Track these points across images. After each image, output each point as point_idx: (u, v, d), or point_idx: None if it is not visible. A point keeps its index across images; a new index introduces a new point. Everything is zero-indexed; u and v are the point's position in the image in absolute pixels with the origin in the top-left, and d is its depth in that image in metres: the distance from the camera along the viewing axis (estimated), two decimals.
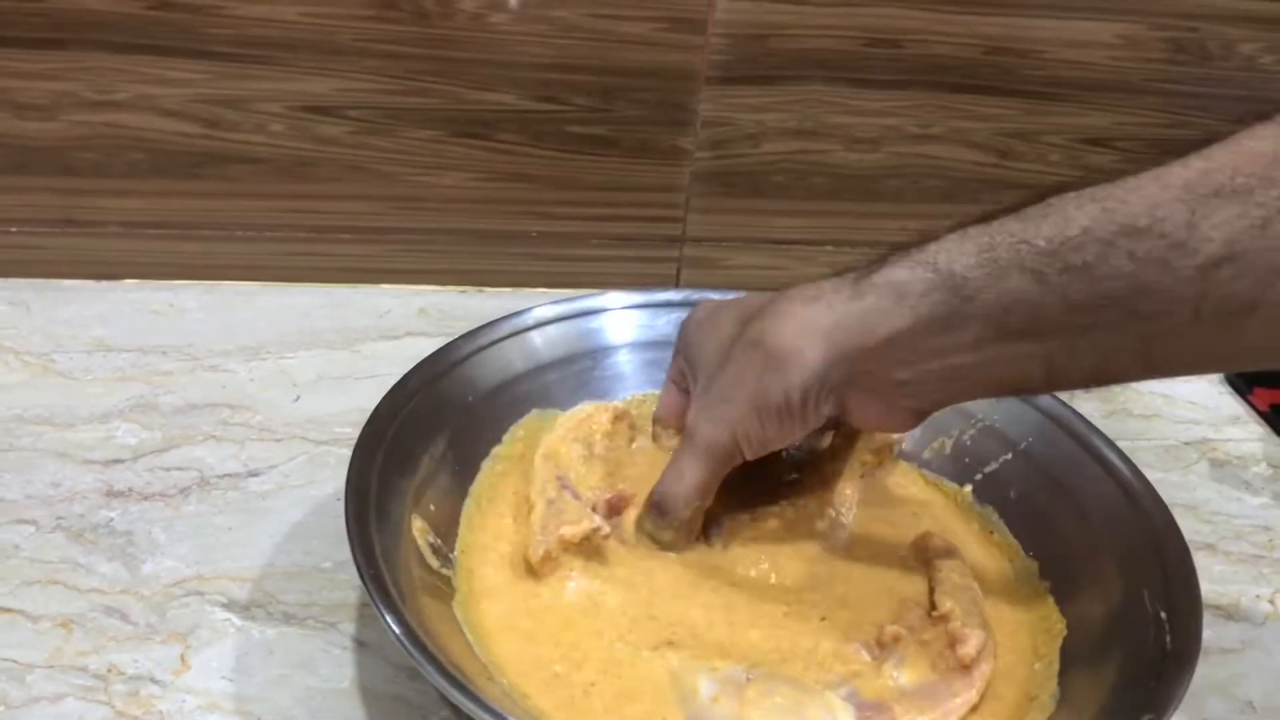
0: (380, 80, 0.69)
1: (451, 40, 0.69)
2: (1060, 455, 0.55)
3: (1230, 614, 0.57)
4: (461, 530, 0.52)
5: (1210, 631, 0.55)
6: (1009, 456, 0.57)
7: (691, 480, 0.50)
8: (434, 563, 0.49)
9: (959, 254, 0.43)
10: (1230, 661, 0.54)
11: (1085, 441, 0.55)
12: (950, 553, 0.53)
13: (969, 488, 0.57)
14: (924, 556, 0.53)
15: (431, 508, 0.51)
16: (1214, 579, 0.59)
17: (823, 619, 0.50)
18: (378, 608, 0.42)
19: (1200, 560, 0.58)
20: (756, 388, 0.47)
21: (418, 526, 0.50)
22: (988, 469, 0.57)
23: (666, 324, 0.61)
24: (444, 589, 0.49)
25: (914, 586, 0.52)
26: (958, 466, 0.58)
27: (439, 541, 0.50)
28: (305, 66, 0.69)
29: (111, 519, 0.55)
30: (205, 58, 0.67)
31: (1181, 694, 0.42)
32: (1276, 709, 0.52)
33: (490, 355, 0.58)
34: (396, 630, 0.42)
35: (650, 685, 0.46)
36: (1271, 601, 0.58)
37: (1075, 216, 0.41)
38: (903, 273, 0.44)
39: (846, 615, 0.50)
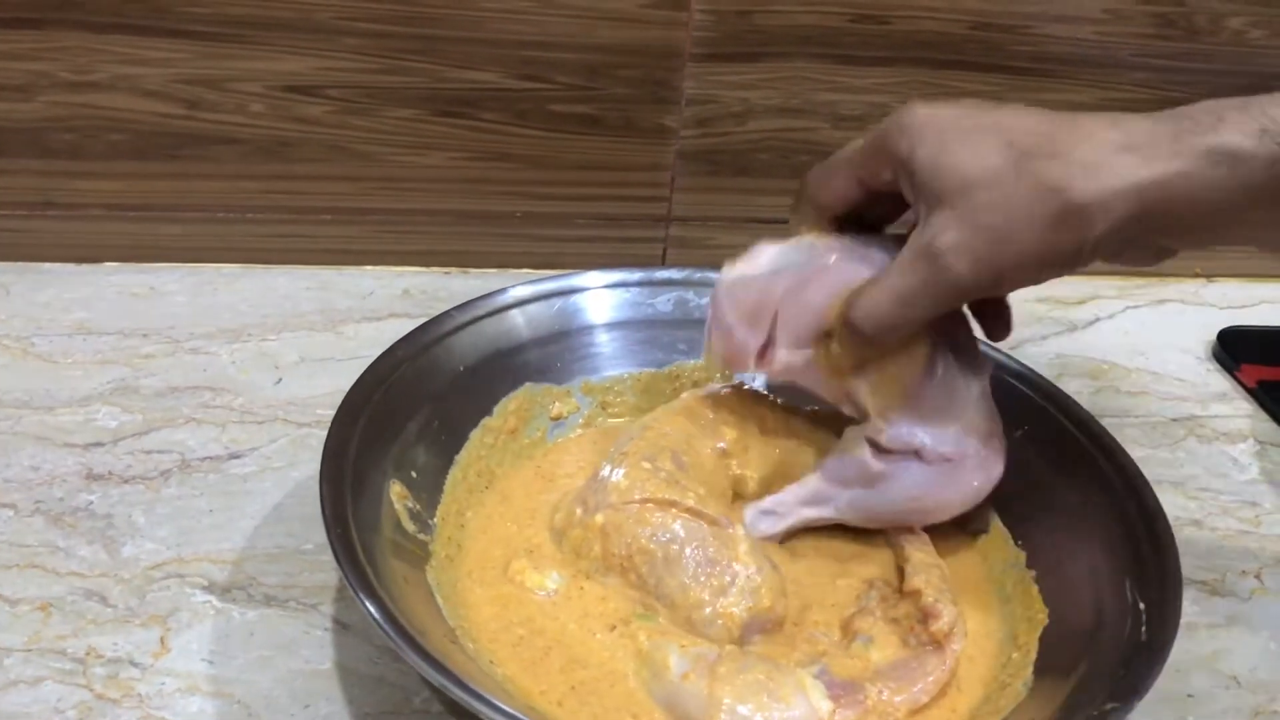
0: (361, 59, 0.69)
1: (433, 18, 0.68)
2: (1054, 443, 0.55)
3: (1216, 589, 0.57)
4: (444, 498, 0.53)
5: (1196, 607, 0.55)
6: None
7: (916, 310, 0.46)
8: (410, 527, 0.49)
9: None
10: (1216, 637, 0.54)
11: (1084, 428, 0.55)
12: (915, 532, 0.52)
13: None
14: (890, 536, 0.53)
15: (414, 474, 0.51)
16: (1200, 555, 0.59)
17: (797, 600, 0.50)
18: (340, 565, 0.43)
19: (1187, 536, 0.59)
20: (1050, 240, 0.43)
21: (396, 491, 0.50)
22: None
23: (666, 301, 0.61)
24: (418, 553, 0.49)
25: (881, 568, 0.52)
26: None
27: (418, 507, 0.50)
28: (285, 45, 0.68)
29: (91, 502, 0.55)
30: (184, 37, 0.67)
31: (1148, 685, 0.42)
32: (1261, 684, 0.52)
33: (484, 326, 0.58)
34: (370, 607, 0.42)
35: (615, 661, 0.46)
36: (1258, 577, 0.58)
37: None
38: (1239, 138, 0.40)
39: (813, 594, 0.51)
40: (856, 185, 0.49)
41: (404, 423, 0.53)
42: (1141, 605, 0.46)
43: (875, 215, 0.51)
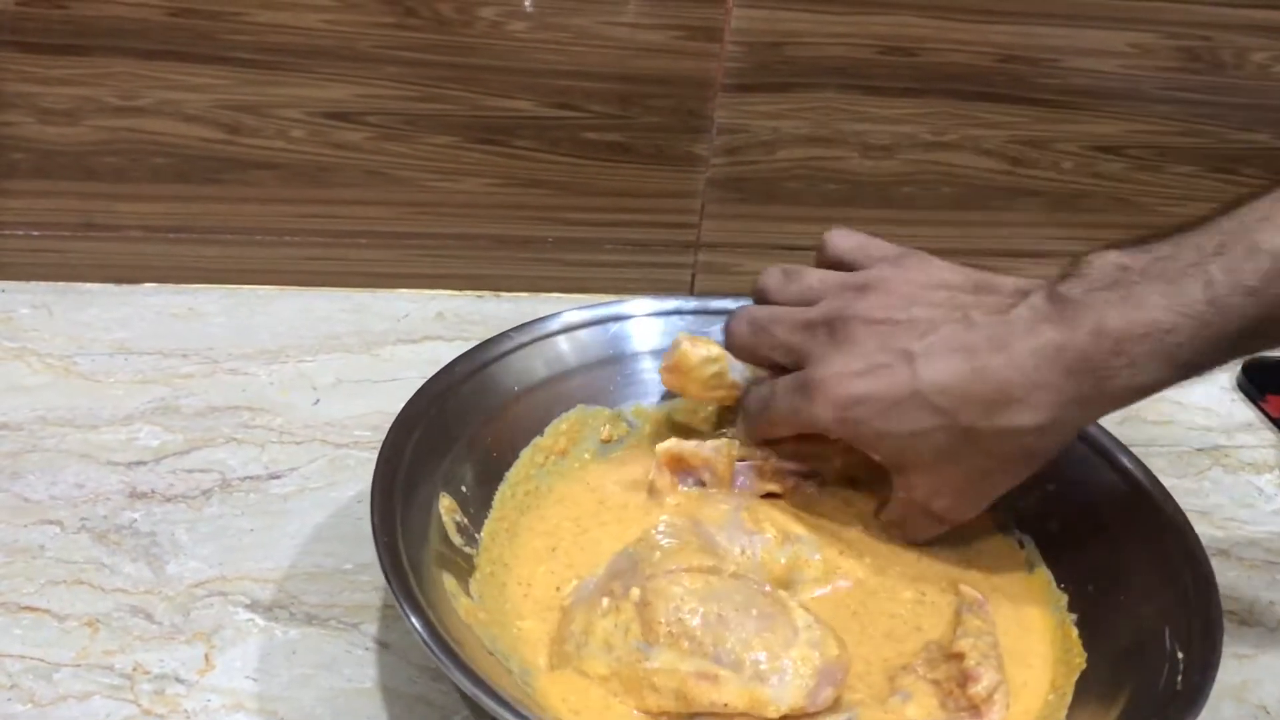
0: (399, 87, 0.70)
1: (470, 47, 0.70)
2: (1102, 487, 0.55)
3: (1244, 620, 0.57)
4: (492, 514, 0.54)
5: (1225, 637, 0.55)
6: (1051, 487, 0.55)
7: (933, 534, 0.54)
8: (457, 540, 0.50)
9: (1216, 348, 0.45)
10: (1244, 667, 0.55)
11: (1126, 474, 0.55)
12: (979, 603, 0.52)
13: (1010, 516, 0.57)
14: (955, 605, 0.53)
15: (463, 489, 0.53)
16: (1228, 585, 0.59)
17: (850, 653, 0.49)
18: (386, 576, 0.44)
19: (1214, 567, 0.59)
20: (1027, 471, 0.51)
21: (445, 505, 0.51)
22: (1029, 498, 0.55)
23: (720, 331, 0.61)
24: (464, 566, 0.50)
25: (941, 632, 0.51)
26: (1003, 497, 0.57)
27: (466, 521, 0.51)
28: (325, 73, 0.69)
29: (135, 520, 0.56)
30: (227, 64, 0.68)
31: None
32: None
33: (541, 349, 0.59)
34: (410, 614, 0.43)
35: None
36: None
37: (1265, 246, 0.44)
38: (1154, 375, 0.46)
39: (867, 652, 0.50)
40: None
41: (457, 438, 0.54)
42: (1180, 654, 0.46)
43: None
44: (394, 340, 0.71)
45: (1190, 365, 0.45)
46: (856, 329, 0.50)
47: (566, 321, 0.60)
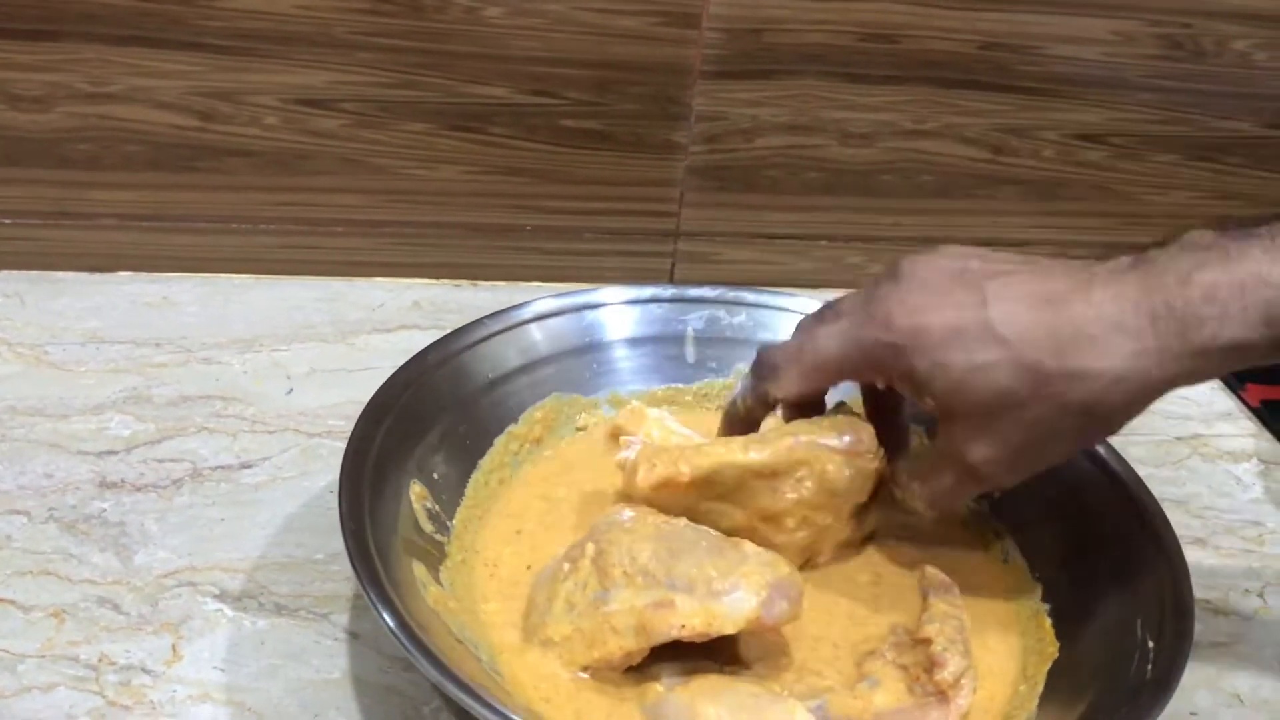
0: (374, 73, 0.69)
1: (445, 34, 0.69)
2: (1077, 476, 0.55)
3: (1219, 609, 0.57)
4: (465, 501, 0.53)
5: (1200, 625, 0.55)
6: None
7: (950, 503, 0.50)
8: (428, 528, 0.50)
9: None
10: (1219, 655, 0.54)
11: (1102, 463, 0.55)
12: (945, 585, 0.52)
13: (984, 504, 0.57)
14: (920, 587, 0.53)
15: (435, 476, 0.52)
16: (1204, 574, 0.59)
17: (814, 634, 0.50)
18: (353, 563, 0.44)
19: (1190, 555, 0.59)
20: (1076, 446, 0.47)
21: (416, 491, 0.51)
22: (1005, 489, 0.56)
23: (697, 319, 0.61)
24: (434, 553, 0.49)
25: (909, 614, 0.51)
26: None
27: (437, 508, 0.51)
28: (299, 59, 0.69)
29: (104, 510, 0.55)
30: (200, 50, 0.68)
31: None
32: (1264, 702, 0.52)
33: (515, 336, 0.59)
34: (376, 602, 0.42)
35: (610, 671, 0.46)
36: (1260, 596, 0.58)
37: None
38: (1243, 332, 0.41)
39: (833, 634, 0.50)
40: (830, 383, 0.50)
41: (429, 426, 0.54)
42: (1150, 644, 0.46)
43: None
44: (369, 329, 0.71)
45: None
46: (920, 268, 0.46)
47: (540, 310, 0.59)
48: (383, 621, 0.42)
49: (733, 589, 0.45)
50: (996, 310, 0.43)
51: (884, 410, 0.52)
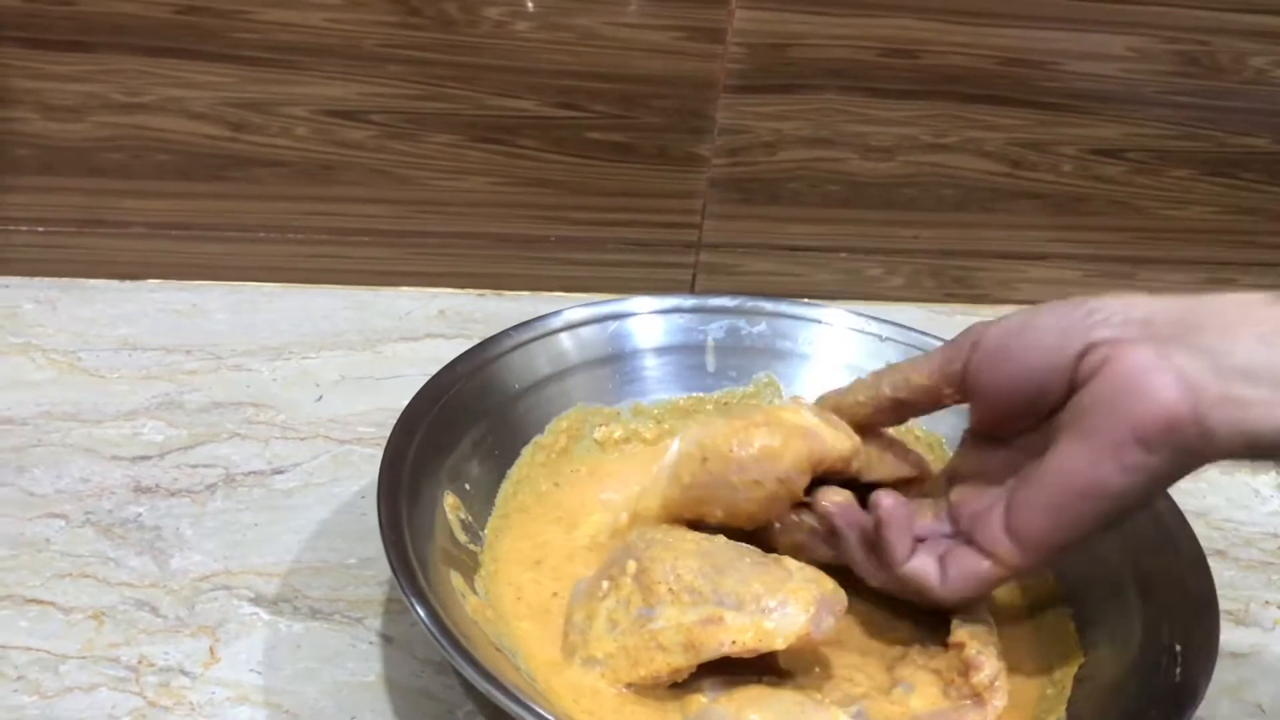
0: (403, 85, 0.70)
1: (474, 47, 0.70)
2: None
3: (1240, 620, 0.58)
4: (495, 511, 0.54)
5: (1221, 637, 0.56)
6: None
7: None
8: (462, 538, 0.51)
9: None
10: (1240, 666, 0.55)
11: None
12: None
13: None
14: None
15: (467, 486, 0.53)
16: (1224, 585, 0.59)
17: (838, 640, 0.50)
18: (395, 574, 0.44)
19: (1210, 566, 0.60)
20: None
21: (449, 502, 0.51)
22: None
23: (718, 328, 0.62)
24: (469, 563, 0.50)
25: (932, 619, 0.51)
26: None
27: (470, 518, 0.52)
28: (330, 71, 0.70)
29: (140, 514, 0.56)
30: (232, 62, 0.69)
31: None
32: None
33: (541, 347, 0.59)
34: (421, 614, 0.43)
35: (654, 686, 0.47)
36: None
37: None
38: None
39: (857, 640, 0.51)
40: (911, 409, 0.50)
41: (460, 436, 0.54)
42: (1178, 647, 0.47)
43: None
44: (396, 338, 0.72)
45: None
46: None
47: (567, 320, 0.60)
48: (430, 633, 0.42)
49: (782, 606, 0.46)
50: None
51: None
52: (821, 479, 0.50)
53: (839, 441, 0.50)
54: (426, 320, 0.74)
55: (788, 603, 0.46)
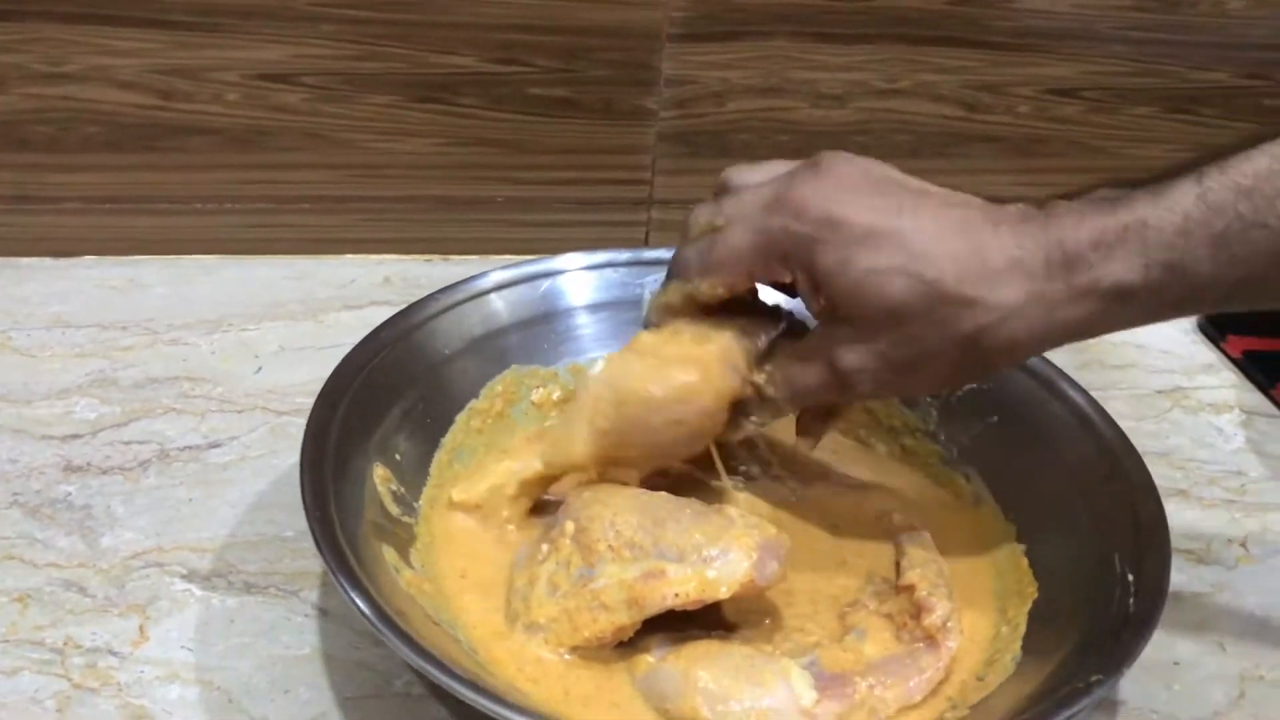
0: (336, 46, 0.68)
1: (408, 3, 0.68)
2: (1045, 416, 0.55)
3: (1202, 558, 0.57)
4: (430, 481, 0.52)
5: (1183, 575, 0.55)
6: (995, 419, 0.56)
7: (811, 399, 0.48)
8: (394, 510, 0.49)
9: (1189, 250, 0.41)
10: (1202, 605, 0.54)
11: (1069, 402, 0.55)
12: (914, 529, 0.52)
13: (954, 450, 0.56)
14: (889, 534, 0.52)
15: (397, 457, 0.51)
16: (1187, 524, 0.59)
17: (786, 590, 0.49)
18: (320, 550, 0.43)
19: (1173, 506, 0.58)
20: (955, 375, 0.47)
21: (379, 474, 0.50)
22: (974, 431, 0.56)
23: (654, 281, 0.59)
24: (403, 536, 0.49)
25: (881, 562, 0.51)
26: (945, 429, 0.57)
27: (402, 490, 0.50)
28: (260, 34, 0.67)
29: (69, 493, 0.55)
30: (157, 27, 0.66)
31: (1134, 657, 0.42)
32: (1247, 650, 0.52)
33: (469, 310, 0.58)
34: (348, 588, 0.41)
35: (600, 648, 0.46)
36: (1243, 545, 0.58)
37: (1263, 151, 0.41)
38: (1128, 276, 0.42)
39: (805, 588, 0.50)
40: (743, 281, 0.48)
41: (388, 407, 0.53)
42: (1130, 577, 0.46)
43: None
44: (339, 306, 0.70)
45: (1173, 266, 0.41)
46: (841, 164, 0.45)
47: (496, 280, 0.58)
48: (356, 607, 0.41)
49: (724, 553, 0.45)
50: (909, 222, 0.43)
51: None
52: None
53: (753, 373, 0.49)
54: (371, 288, 0.72)
55: (729, 550, 0.44)
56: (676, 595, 0.44)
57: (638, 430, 0.48)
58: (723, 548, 0.44)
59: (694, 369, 0.47)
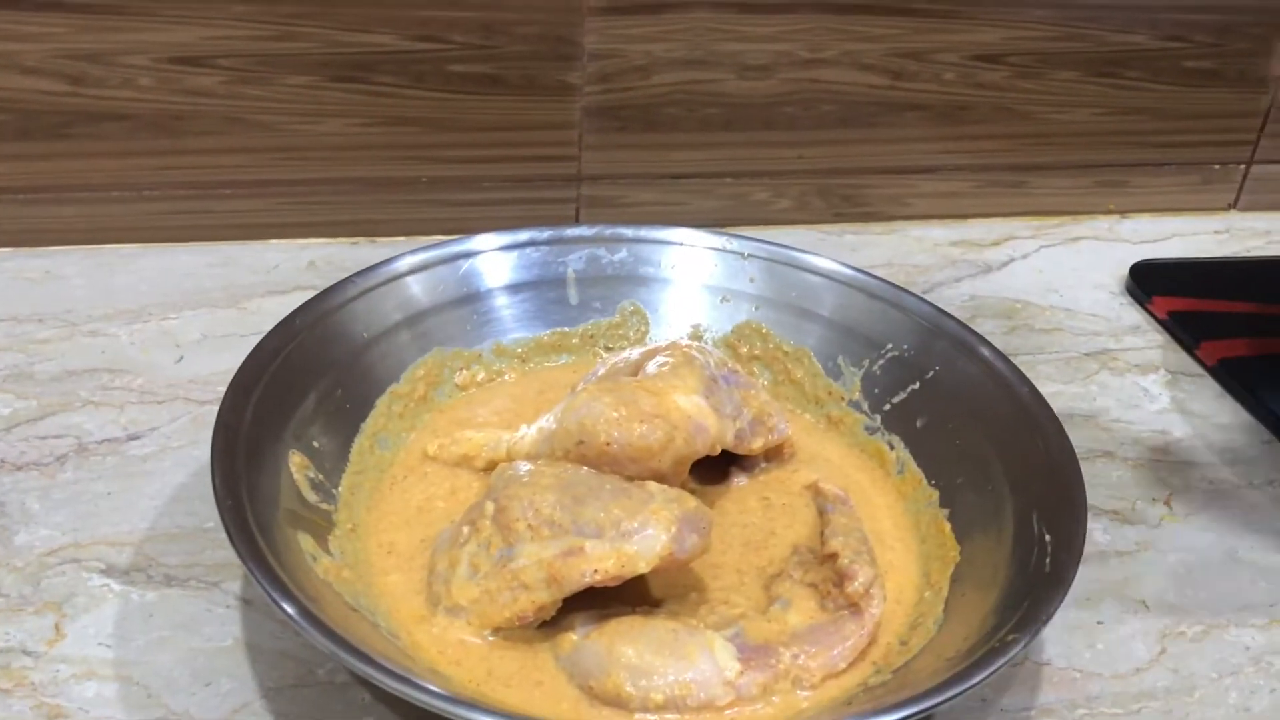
0: (249, 26, 0.67)
1: None
2: (965, 380, 0.55)
3: (1126, 518, 0.57)
4: (349, 467, 0.52)
5: (1108, 536, 0.56)
6: (916, 386, 0.56)
7: None
8: (312, 497, 0.48)
9: None
10: (1125, 564, 0.55)
11: (988, 366, 0.55)
12: (841, 499, 0.52)
13: (877, 418, 0.57)
14: (816, 504, 0.53)
15: (315, 444, 0.51)
16: (1112, 485, 0.59)
17: (712, 563, 0.49)
18: (231, 540, 0.42)
19: (1099, 467, 0.59)
20: None
21: (296, 461, 0.49)
22: (896, 399, 0.57)
23: (578, 259, 0.60)
24: (322, 524, 0.48)
25: (806, 533, 0.52)
26: (868, 398, 0.57)
27: (320, 477, 0.49)
28: (169, 16, 0.66)
29: None
30: (62, 10, 0.65)
31: (1049, 615, 0.43)
32: (1169, 607, 0.52)
33: (388, 292, 0.57)
34: (260, 577, 0.41)
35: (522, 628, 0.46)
36: (1167, 504, 0.58)
37: None
38: None
39: (733, 561, 0.50)
40: None
41: (304, 393, 0.52)
42: (1047, 537, 0.47)
43: None
44: (263, 293, 0.69)
45: None
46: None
47: (414, 262, 0.58)
48: (268, 596, 0.41)
49: (642, 528, 0.44)
50: None
51: None
52: None
53: (723, 433, 0.50)
54: (296, 272, 0.71)
55: (648, 524, 0.44)
56: (595, 572, 0.44)
57: (589, 465, 0.48)
58: (641, 522, 0.44)
59: (660, 427, 0.48)
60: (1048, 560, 0.45)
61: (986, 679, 0.41)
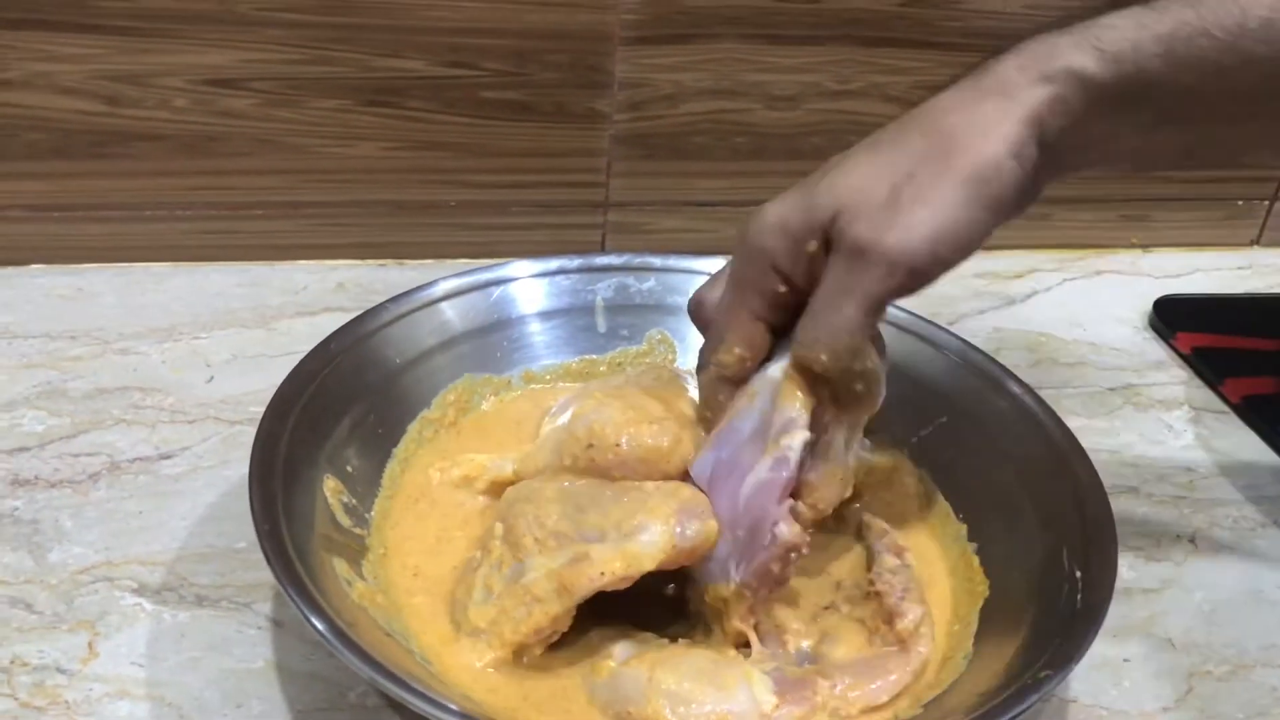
0: (284, 50, 0.68)
1: (356, 6, 0.67)
2: (992, 414, 0.55)
3: (1151, 555, 0.57)
4: (381, 492, 0.52)
5: (1133, 573, 0.56)
6: (944, 419, 0.56)
7: (860, 336, 0.44)
8: (346, 522, 0.49)
9: (1140, 44, 0.42)
10: (1151, 601, 0.55)
11: (1017, 401, 0.55)
12: (887, 534, 0.52)
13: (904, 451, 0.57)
14: (863, 540, 0.53)
15: (349, 469, 0.51)
16: (1137, 521, 0.59)
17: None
18: (270, 563, 0.43)
19: (1124, 504, 0.59)
20: (962, 173, 0.43)
21: (330, 486, 0.49)
22: (924, 432, 0.57)
23: (606, 287, 0.61)
24: (355, 548, 0.48)
25: (851, 568, 0.51)
26: (896, 430, 0.57)
27: (354, 502, 0.50)
28: (206, 38, 0.67)
29: (16, 508, 0.54)
30: (100, 32, 0.65)
31: (1082, 652, 0.43)
32: (1195, 645, 0.52)
33: (421, 318, 0.57)
34: (297, 600, 0.41)
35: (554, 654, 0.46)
36: (1191, 541, 0.58)
37: (1250, 6, 0.41)
38: (1084, 60, 0.43)
39: (790, 591, 0.49)
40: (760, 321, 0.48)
41: (339, 417, 0.52)
42: (1078, 574, 0.47)
43: None
44: (292, 313, 0.69)
45: (1123, 59, 0.42)
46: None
47: (448, 289, 0.58)
48: (307, 621, 0.41)
49: (643, 526, 0.45)
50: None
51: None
52: None
53: None
54: (324, 294, 0.72)
55: (648, 521, 0.45)
56: (603, 574, 0.44)
57: (597, 473, 0.48)
58: (641, 520, 0.45)
59: (669, 431, 0.48)
60: (1079, 597, 0.45)
61: (1019, 715, 0.41)
